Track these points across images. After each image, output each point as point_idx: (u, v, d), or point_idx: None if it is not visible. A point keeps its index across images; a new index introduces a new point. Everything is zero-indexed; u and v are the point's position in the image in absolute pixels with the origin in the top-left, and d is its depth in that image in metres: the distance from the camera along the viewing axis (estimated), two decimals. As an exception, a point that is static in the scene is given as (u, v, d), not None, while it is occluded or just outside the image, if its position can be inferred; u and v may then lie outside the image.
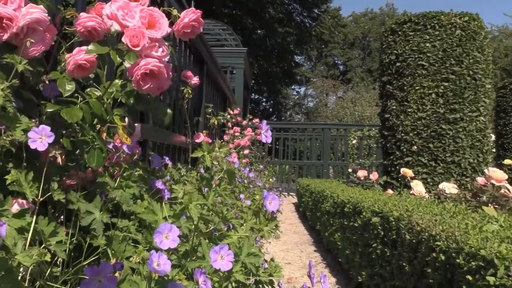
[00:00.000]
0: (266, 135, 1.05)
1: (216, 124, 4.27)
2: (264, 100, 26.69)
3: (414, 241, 1.63)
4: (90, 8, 1.05)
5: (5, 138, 0.77)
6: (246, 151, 5.16)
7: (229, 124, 5.84)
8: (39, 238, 0.77)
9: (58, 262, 0.85)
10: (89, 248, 0.90)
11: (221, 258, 0.83)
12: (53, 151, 0.84)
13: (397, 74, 3.97)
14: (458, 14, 3.84)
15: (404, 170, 3.55)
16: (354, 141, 9.91)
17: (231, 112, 6.03)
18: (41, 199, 0.81)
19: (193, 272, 0.82)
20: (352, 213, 2.62)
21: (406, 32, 3.94)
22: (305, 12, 21.84)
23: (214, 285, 0.88)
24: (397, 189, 3.51)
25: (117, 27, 0.93)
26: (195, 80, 2.60)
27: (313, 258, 3.62)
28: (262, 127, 1.05)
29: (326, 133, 10.15)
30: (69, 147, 0.91)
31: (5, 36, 0.89)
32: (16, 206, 0.80)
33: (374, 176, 4.19)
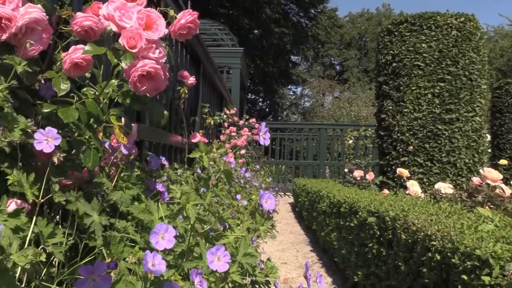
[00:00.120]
0: (265, 137, 1.04)
1: (212, 124, 4.26)
2: (260, 100, 26.69)
3: (409, 241, 1.63)
4: (86, 7, 1.05)
5: (3, 139, 0.77)
6: (243, 151, 5.16)
7: (225, 124, 5.83)
8: (35, 238, 0.77)
9: (53, 262, 0.85)
10: (85, 248, 0.89)
11: (218, 259, 0.83)
12: (57, 153, 0.84)
13: (394, 75, 3.98)
14: (454, 15, 3.86)
15: (400, 170, 3.56)
16: (351, 141, 9.93)
17: (227, 112, 6.03)
18: (42, 200, 0.81)
19: (189, 273, 0.82)
20: (348, 213, 2.63)
21: (403, 33, 3.95)
22: (301, 12, 21.85)
23: (210, 286, 0.88)
24: (393, 189, 3.52)
25: (114, 28, 0.93)
26: (191, 80, 2.60)
27: (309, 258, 3.63)
28: (261, 129, 1.05)
29: (322, 133, 10.17)
30: (65, 147, 0.91)
31: (4, 37, 0.89)
32: (13, 206, 0.80)
33: (370, 176, 4.19)
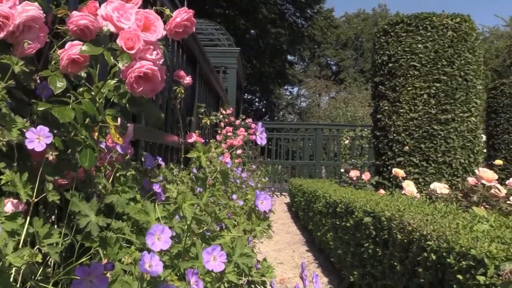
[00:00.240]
0: (261, 137, 1.04)
1: (208, 124, 4.26)
2: (257, 100, 26.69)
3: (405, 240, 1.64)
4: (82, 6, 1.04)
5: (1, 139, 0.77)
6: (239, 151, 5.16)
7: (221, 124, 5.83)
8: (31, 238, 0.76)
9: (49, 263, 0.85)
10: (81, 248, 0.89)
11: (214, 259, 0.83)
12: (50, 152, 0.84)
13: (389, 75, 3.99)
14: (449, 16, 3.87)
15: (396, 170, 3.57)
16: (347, 142, 9.95)
17: (224, 112, 6.03)
18: (35, 200, 0.80)
19: (185, 273, 0.82)
20: (344, 213, 2.63)
21: (399, 33, 3.96)
22: (298, 12, 21.86)
23: (206, 286, 0.87)
24: (389, 189, 3.53)
25: (112, 29, 0.92)
26: (187, 80, 2.60)
27: (305, 258, 3.63)
28: (258, 129, 1.05)
29: (318, 133, 10.18)
30: (61, 147, 0.91)
31: (1, 35, 0.89)
32: (9, 206, 0.80)
33: (366, 176, 4.20)
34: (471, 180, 2.92)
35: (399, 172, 3.54)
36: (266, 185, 7.01)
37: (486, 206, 2.45)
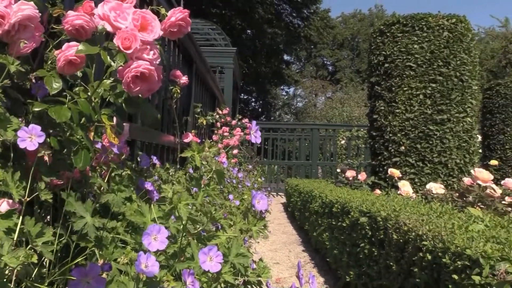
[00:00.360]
0: (256, 136, 1.05)
1: (205, 124, 4.26)
2: (253, 100, 26.70)
3: (401, 240, 1.64)
4: (78, 6, 1.04)
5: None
6: (235, 151, 5.15)
7: (218, 124, 5.82)
8: (26, 238, 0.76)
9: (44, 263, 0.84)
10: (76, 249, 0.89)
11: (210, 260, 0.83)
12: (42, 151, 0.83)
13: (386, 75, 4.00)
14: (445, 16, 3.88)
15: (392, 171, 3.57)
16: (343, 142, 9.97)
17: (220, 112, 6.02)
18: (27, 199, 0.80)
19: (181, 273, 0.82)
20: (340, 213, 2.64)
21: (395, 34, 3.97)
22: (294, 12, 21.87)
23: (202, 286, 0.87)
24: (385, 189, 3.53)
25: (109, 28, 0.92)
26: (184, 79, 2.59)
27: (301, 258, 3.63)
28: (252, 128, 1.05)
29: (315, 133, 10.19)
30: (57, 147, 0.90)
31: (-3, 34, 0.88)
32: (5, 205, 0.79)
33: (362, 176, 4.21)
34: (466, 180, 2.93)
35: (395, 172, 3.55)
36: (262, 185, 7.02)
37: (482, 206, 2.46)
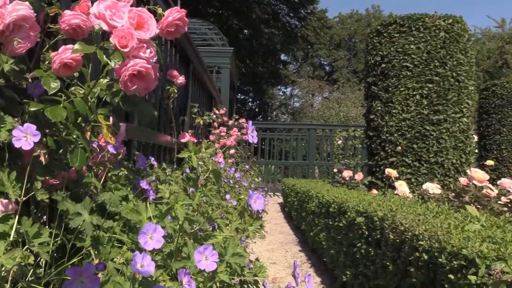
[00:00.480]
0: (252, 135, 1.05)
1: (202, 123, 4.26)
2: (250, 100, 26.68)
3: (397, 240, 1.64)
4: (74, 5, 1.04)
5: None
6: (232, 151, 5.15)
7: (215, 124, 5.82)
8: (22, 239, 0.76)
9: (40, 263, 0.84)
10: (72, 249, 0.88)
11: (206, 259, 0.83)
12: (38, 150, 0.83)
13: (382, 75, 4.01)
14: (442, 17, 3.89)
15: (389, 171, 3.58)
16: (340, 142, 9.98)
17: (217, 112, 6.02)
18: (23, 199, 0.79)
19: (177, 273, 0.82)
20: (337, 213, 2.64)
21: (391, 34, 3.98)
22: (291, 13, 21.87)
23: (198, 286, 0.87)
24: (381, 189, 3.54)
25: (104, 27, 0.92)
26: (181, 79, 2.59)
27: (298, 258, 3.64)
28: (248, 128, 1.05)
29: (311, 133, 10.21)
30: (53, 146, 0.90)
31: (-9, 34, 0.88)
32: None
33: (359, 176, 4.22)
34: (463, 180, 2.94)
35: (391, 172, 3.55)
36: (259, 185, 7.02)
37: (478, 206, 2.47)
